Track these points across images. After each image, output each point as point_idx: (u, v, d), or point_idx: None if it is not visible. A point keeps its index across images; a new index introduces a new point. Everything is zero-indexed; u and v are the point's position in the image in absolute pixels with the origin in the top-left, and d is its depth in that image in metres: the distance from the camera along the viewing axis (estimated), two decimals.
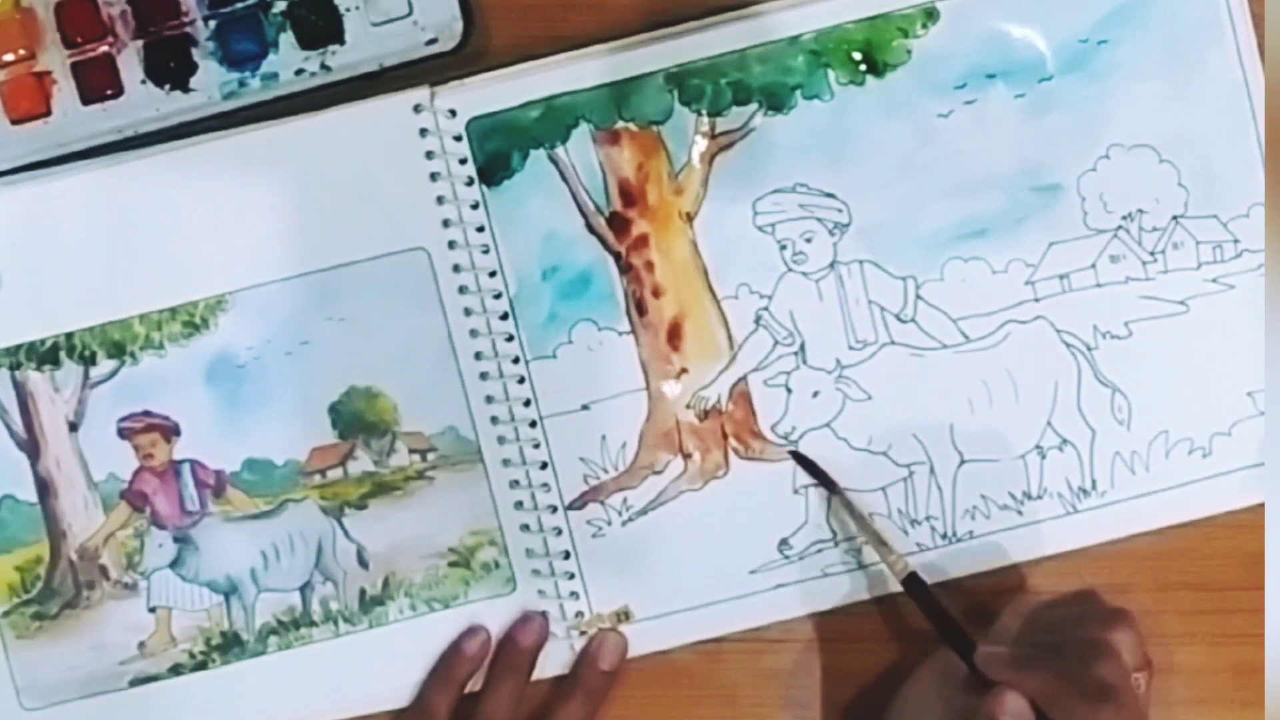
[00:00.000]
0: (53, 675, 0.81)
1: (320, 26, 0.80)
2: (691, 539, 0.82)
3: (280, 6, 0.80)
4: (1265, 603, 0.70)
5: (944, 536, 0.82)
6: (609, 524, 0.82)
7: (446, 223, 0.80)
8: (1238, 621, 0.82)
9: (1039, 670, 0.74)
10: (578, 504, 0.82)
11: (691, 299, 0.81)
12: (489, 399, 0.81)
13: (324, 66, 0.80)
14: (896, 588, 0.80)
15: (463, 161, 0.80)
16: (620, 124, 0.81)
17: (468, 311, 0.81)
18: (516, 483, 0.81)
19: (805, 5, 0.80)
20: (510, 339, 0.81)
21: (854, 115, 0.81)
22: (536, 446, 0.81)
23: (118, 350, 0.81)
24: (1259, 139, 0.81)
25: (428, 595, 0.82)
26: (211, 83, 0.80)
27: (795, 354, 0.81)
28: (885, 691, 0.81)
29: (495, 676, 0.81)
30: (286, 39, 0.80)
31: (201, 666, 0.81)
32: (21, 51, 0.80)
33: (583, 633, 0.82)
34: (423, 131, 0.80)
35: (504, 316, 0.81)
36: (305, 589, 0.81)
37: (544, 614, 0.82)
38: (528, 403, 0.81)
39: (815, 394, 0.81)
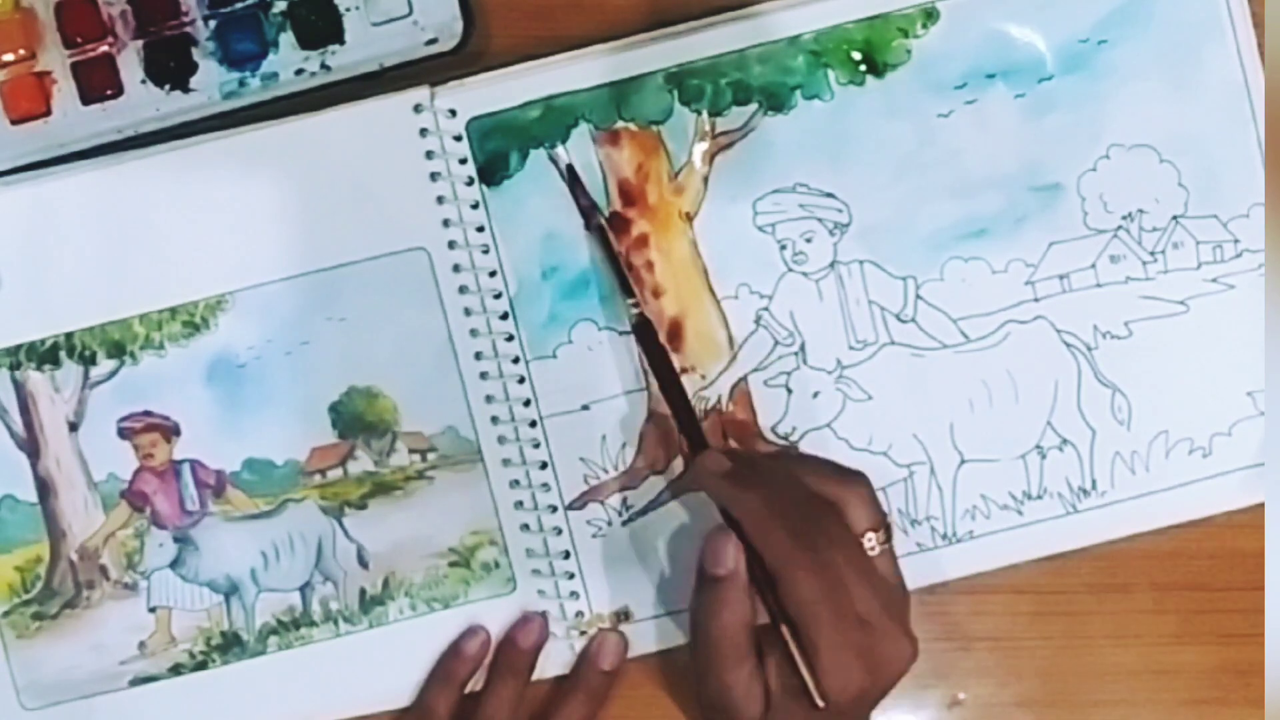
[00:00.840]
0: (52, 675, 0.81)
1: (320, 26, 0.80)
2: (692, 539, 0.82)
3: (280, 6, 0.80)
4: (1265, 603, 0.70)
5: (944, 536, 0.82)
6: (609, 524, 0.82)
7: (446, 222, 0.80)
8: (1238, 621, 0.82)
9: (750, 492, 0.73)
10: (578, 504, 0.82)
11: (691, 299, 0.81)
12: (489, 399, 0.81)
13: (324, 66, 0.80)
14: None
15: (463, 161, 0.80)
16: (620, 124, 0.81)
17: (468, 311, 0.81)
18: (516, 483, 0.81)
19: (805, 5, 0.80)
20: (510, 339, 0.81)
21: (854, 115, 0.81)
22: (536, 446, 0.81)
23: (118, 350, 0.81)
24: (1259, 139, 0.81)
25: (428, 595, 0.82)
26: (211, 83, 0.80)
27: (795, 354, 0.81)
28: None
29: (495, 677, 0.81)
30: (286, 39, 0.80)
31: (202, 666, 0.81)
32: (21, 51, 0.80)
33: (583, 633, 0.82)
34: (423, 131, 0.80)
35: (504, 316, 0.81)
36: (305, 589, 0.81)
37: (543, 614, 0.81)
38: (528, 403, 0.81)
39: (815, 394, 0.81)
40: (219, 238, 0.80)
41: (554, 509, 0.81)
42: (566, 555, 0.81)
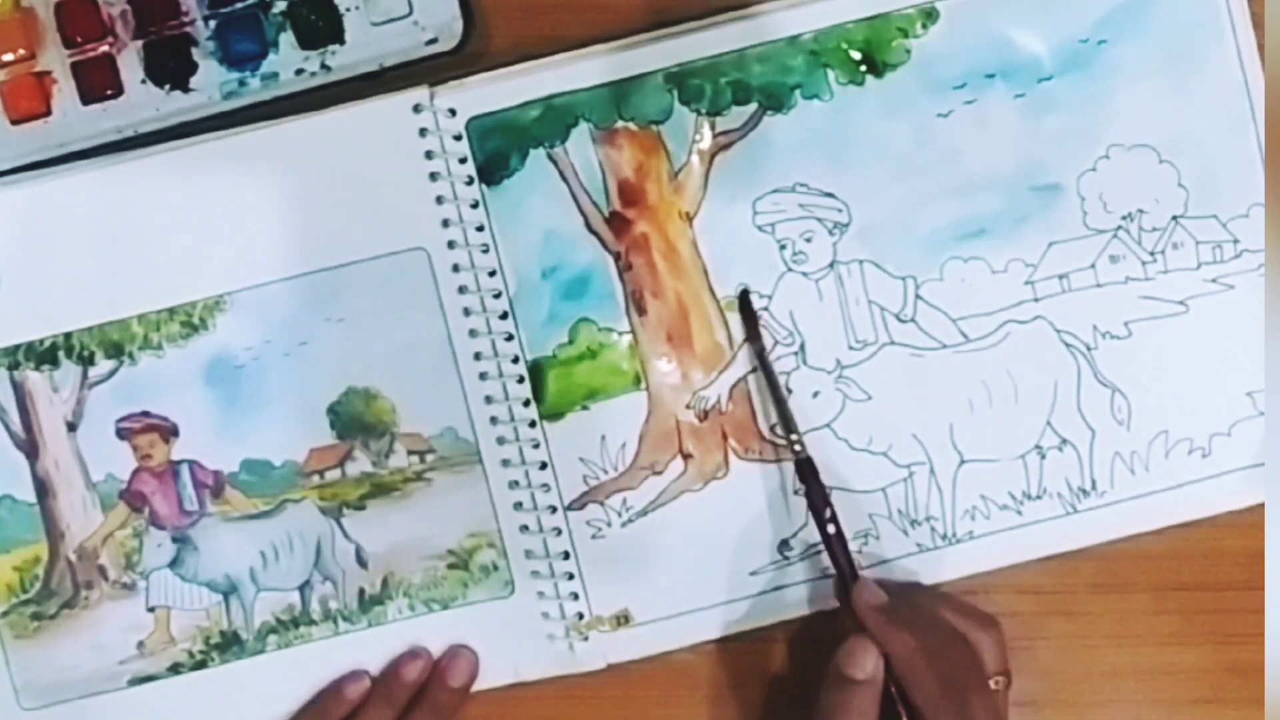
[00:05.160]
0: (51, 675, 0.81)
1: (320, 26, 0.80)
2: (691, 540, 0.82)
3: (280, 6, 0.80)
4: (1265, 603, 0.70)
5: (944, 536, 0.82)
6: (608, 525, 0.82)
7: (446, 222, 0.80)
8: (1238, 621, 0.82)
9: (906, 632, 0.75)
10: (577, 504, 0.82)
11: (691, 299, 0.81)
12: (488, 399, 0.81)
13: (324, 66, 0.80)
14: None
15: (462, 161, 0.80)
16: (620, 123, 0.81)
17: (467, 311, 0.81)
18: (516, 483, 0.81)
19: (805, 5, 0.80)
20: (510, 339, 0.81)
21: (854, 115, 0.81)
22: (536, 447, 0.81)
23: (116, 350, 0.81)
24: (1259, 139, 0.81)
25: (426, 596, 0.81)
26: (211, 83, 0.80)
27: (795, 354, 0.81)
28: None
29: (368, 704, 0.81)
30: (286, 39, 0.80)
31: (201, 665, 0.81)
32: (21, 51, 0.80)
33: (583, 634, 0.82)
34: (422, 131, 0.80)
35: (503, 316, 0.81)
36: (304, 588, 0.81)
37: (474, 654, 0.81)
38: (527, 403, 0.81)
39: (815, 394, 0.81)
40: (218, 238, 0.81)
41: (554, 510, 0.81)
42: (566, 556, 0.81)
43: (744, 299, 0.81)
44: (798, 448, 0.80)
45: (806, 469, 0.80)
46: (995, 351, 0.81)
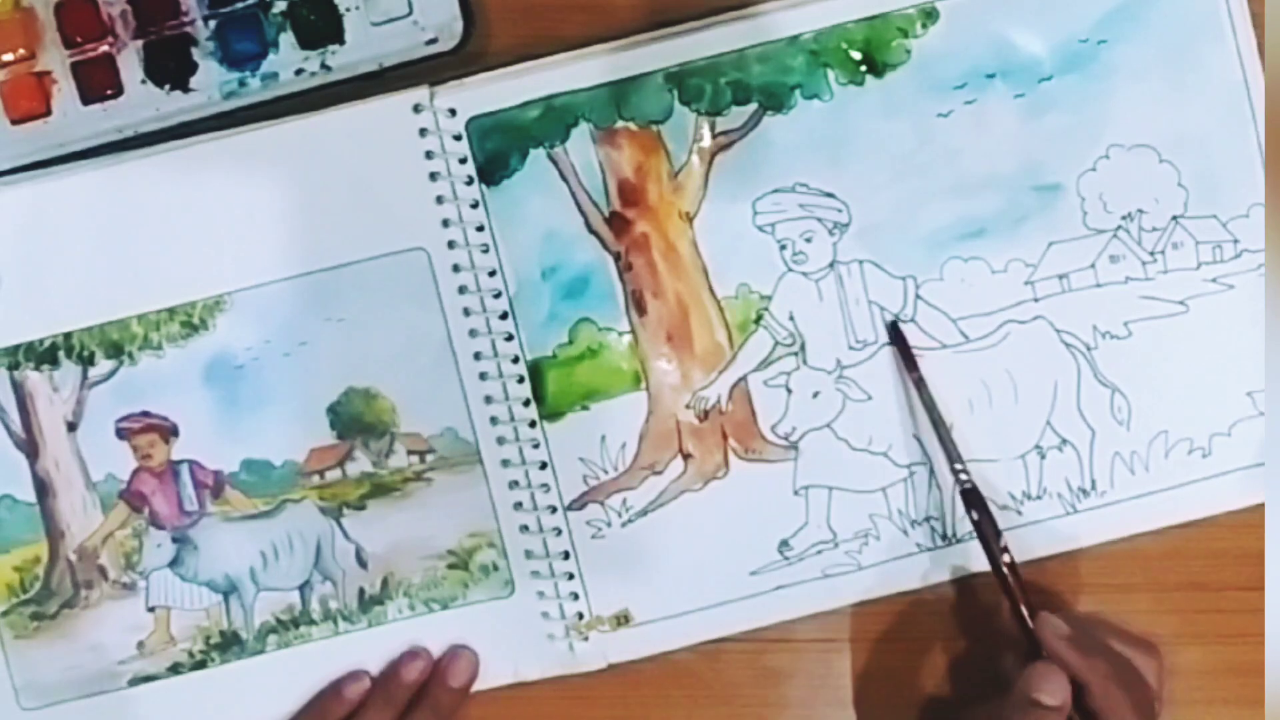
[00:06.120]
0: (51, 675, 0.81)
1: (320, 26, 0.80)
2: (691, 540, 0.82)
3: (280, 6, 0.80)
4: (1265, 603, 0.70)
5: (944, 536, 0.82)
6: (609, 525, 0.82)
7: (446, 222, 0.80)
8: (1238, 621, 0.82)
9: (1098, 657, 0.76)
10: (577, 504, 0.81)
11: (692, 299, 0.81)
12: (488, 399, 0.81)
13: (324, 66, 0.80)
14: (899, 587, 0.81)
15: (462, 161, 0.80)
16: (620, 123, 0.81)
17: (467, 311, 0.81)
18: (516, 483, 0.81)
19: (805, 5, 0.80)
20: (510, 339, 0.81)
21: (854, 115, 0.81)
22: (536, 447, 0.81)
23: (116, 350, 0.81)
24: (1259, 139, 0.81)
25: (426, 596, 0.81)
26: (211, 83, 0.80)
27: (795, 354, 0.81)
28: (885, 692, 0.81)
29: (368, 705, 0.81)
30: (286, 39, 0.80)
31: (201, 666, 0.81)
32: (21, 51, 0.80)
33: (583, 634, 0.82)
34: (422, 131, 0.80)
35: (503, 316, 0.81)
36: (304, 588, 0.81)
37: (474, 654, 0.81)
38: (527, 403, 0.81)
39: (815, 394, 0.81)
40: (218, 238, 0.80)
41: (553, 510, 0.81)
42: (566, 556, 0.81)
43: (894, 329, 0.81)
44: (964, 477, 0.79)
45: (975, 499, 0.79)
46: (995, 351, 0.81)
